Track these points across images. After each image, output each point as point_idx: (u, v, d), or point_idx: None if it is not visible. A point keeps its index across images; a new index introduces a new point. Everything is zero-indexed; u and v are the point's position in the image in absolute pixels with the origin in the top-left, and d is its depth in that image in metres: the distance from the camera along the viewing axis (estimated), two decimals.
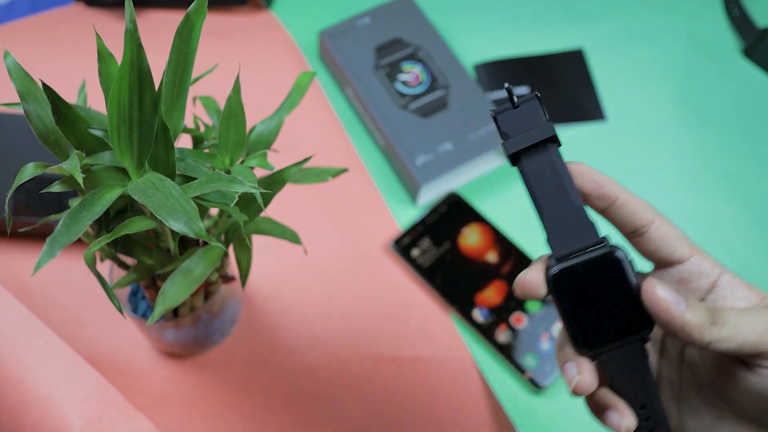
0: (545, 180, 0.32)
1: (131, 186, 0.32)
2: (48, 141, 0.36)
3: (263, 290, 0.58)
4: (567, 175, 0.32)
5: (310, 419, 0.53)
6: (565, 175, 0.32)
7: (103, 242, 0.34)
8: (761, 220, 0.65)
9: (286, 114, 0.42)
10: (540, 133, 0.31)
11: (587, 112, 0.70)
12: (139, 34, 0.30)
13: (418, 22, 0.70)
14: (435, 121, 0.64)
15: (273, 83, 0.67)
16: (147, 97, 0.31)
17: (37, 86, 0.35)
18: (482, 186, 0.65)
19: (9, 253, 0.57)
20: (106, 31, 0.69)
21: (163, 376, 0.54)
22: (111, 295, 0.37)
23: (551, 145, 0.32)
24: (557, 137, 0.32)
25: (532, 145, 0.32)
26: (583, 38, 0.75)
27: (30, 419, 0.42)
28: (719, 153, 0.69)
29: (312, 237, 0.60)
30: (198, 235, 0.30)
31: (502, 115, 0.32)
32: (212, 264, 0.38)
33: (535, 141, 0.31)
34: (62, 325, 0.54)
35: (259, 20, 0.73)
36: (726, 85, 0.73)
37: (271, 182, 0.39)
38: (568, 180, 0.32)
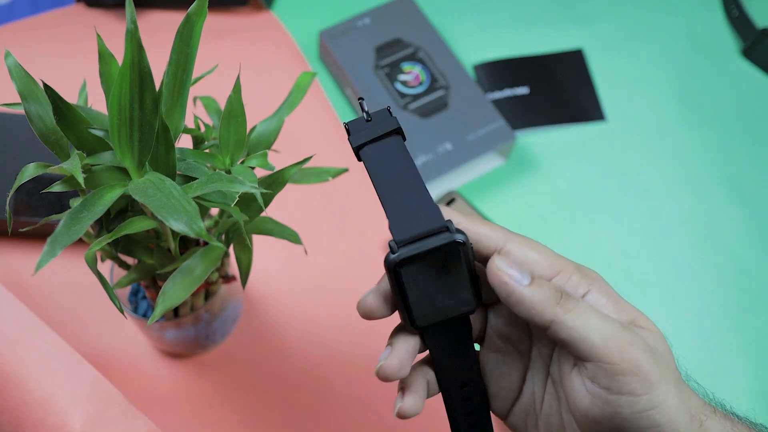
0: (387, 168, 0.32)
1: (132, 186, 0.32)
2: (49, 141, 0.36)
3: (264, 290, 0.58)
4: (410, 163, 0.32)
5: (310, 419, 0.53)
6: (408, 163, 0.32)
7: (103, 242, 0.34)
8: (761, 220, 0.65)
9: (287, 114, 0.42)
10: (383, 128, 0.32)
11: (587, 112, 0.70)
12: (140, 35, 0.30)
13: (418, 22, 0.70)
14: (435, 121, 0.65)
15: (273, 83, 0.67)
16: (148, 98, 0.31)
17: (38, 86, 0.35)
18: (482, 186, 0.66)
19: (10, 253, 0.57)
20: (106, 31, 0.69)
21: (163, 376, 0.54)
22: (112, 295, 0.37)
23: (395, 136, 0.33)
24: (401, 130, 0.33)
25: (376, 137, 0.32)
26: (583, 38, 0.75)
27: (31, 419, 0.43)
28: (719, 153, 0.69)
29: (312, 237, 0.60)
30: (198, 234, 0.30)
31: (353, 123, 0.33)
32: (213, 264, 0.38)
33: (378, 134, 0.32)
34: (63, 324, 0.54)
35: (260, 20, 0.73)
36: (725, 85, 0.73)
37: (271, 182, 0.39)
38: (412, 168, 0.32)
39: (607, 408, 0.29)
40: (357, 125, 0.33)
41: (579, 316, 0.29)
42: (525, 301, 0.30)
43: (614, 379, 0.28)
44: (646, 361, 0.29)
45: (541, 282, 0.30)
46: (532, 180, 0.66)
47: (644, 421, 0.29)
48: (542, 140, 0.69)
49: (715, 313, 0.61)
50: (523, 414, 0.34)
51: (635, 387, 0.28)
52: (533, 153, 0.68)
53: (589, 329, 0.29)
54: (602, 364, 0.29)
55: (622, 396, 0.28)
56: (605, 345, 0.29)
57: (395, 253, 0.30)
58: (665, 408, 0.29)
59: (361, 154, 0.33)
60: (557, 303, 0.29)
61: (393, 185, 0.31)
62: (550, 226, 0.64)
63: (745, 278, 0.62)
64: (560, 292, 0.30)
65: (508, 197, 0.65)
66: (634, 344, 0.29)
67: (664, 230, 0.65)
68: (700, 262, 0.63)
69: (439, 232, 0.30)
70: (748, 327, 0.60)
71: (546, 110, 0.70)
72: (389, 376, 0.31)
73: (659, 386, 0.29)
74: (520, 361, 0.34)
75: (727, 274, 0.63)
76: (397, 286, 0.31)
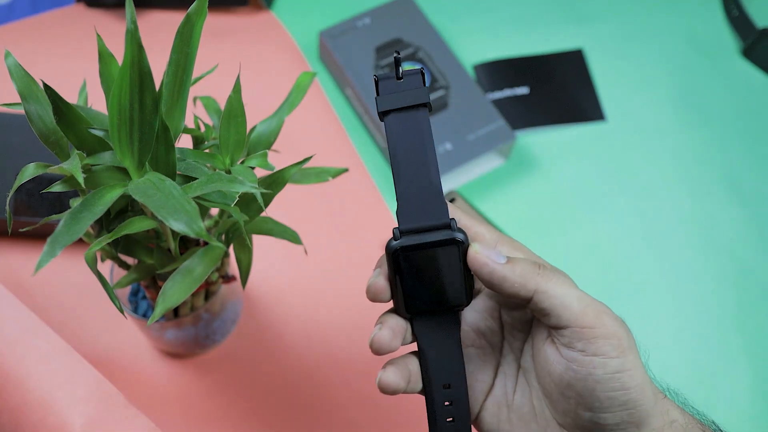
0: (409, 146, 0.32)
1: (132, 186, 0.32)
2: (49, 141, 0.36)
3: (264, 290, 0.58)
4: (431, 147, 0.32)
5: (310, 418, 0.53)
6: (429, 147, 0.32)
7: (103, 242, 0.34)
8: (761, 220, 0.65)
9: (287, 114, 0.42)
10: (414, 97, 0.32)
11: (587, 112, 0.70)
12: (140, 35, 0.30)
13: (418, 22, 0.70)
14: (435, 121, 0.65)
15: (273, 83, 0.67)
16: (148, 98, 0.31)
17: (38, 86, 0.35)
18: (482, 186, 0.66)
19: (10, 253, 0.57)
20: (106, 31, 0.69)
21: (163, 376, 0.54)
22: (112, 295, 0.37)
23: (422, 110, 0.32)
24: (430, 105, 0.33)
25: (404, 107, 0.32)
26: (583, 38, 0.75)
27: (31, 419, 0.43)
28: (719, 153, 0.69)
29: (312, 237, 0.60)
30: (198, 235, 0.30)
31: (384, 81, 0.33)
32: (213, 264, 0.38)
33: (406, 104, 0.32)
34: (63, 324, 0.54)
35: (260, 20, 0.73)
36: (725, 85, 0.73)
37: (271, 182, 0.39)
38: (432, 153, 0.32)
39: (581, 370, 0.31)
40: (387, 83, 0.33)
41: (559, 285, 0.32)
42: (507, 276, 0.32)
43: (590, 341, 0.31)
44: (620, 327, 0.31)
45: (517, 258, 0.32)
46: (532, 180, 0.66)
47: (615, 382, 0.31)
48: (542, 140, 0.69)
49: (715, 313, 0.61)
50: (495, 408, 0.36)
51: (608, 349, 0.31)
52: (533, 153, 0.68)
53: (569, 297, 0.31)
54: (580, 329, 0.31)
55: (596, 357, 0.31)
56: (583, 311, 0.31)
57: (397, 240, 0.32)
58: (634, 374, 0.31)
59: (386, 121, 0.33)
60: (537, 273, 0.32)
61: (409, 167, 0.32)
62: (550, 226, 0.64)
63: (745, 278, 0.62)
64: (538, 264, 0.32)
65: (508, 197, 0.65)
66: (608, 313, 0.32)
67: (664, 230, 0.65)
68: (700, 262, 0.63)
69: (441, 228, 0.32)
70: (748, 327, 0.60)
71: (546, 110, 0.70)
72: (382, 346, 0.33)
73: (630, 353, 0.31)
74: (493, 355, 0.36)
75: (727, 274, 0.63)
76: (395, 271, 0.32)
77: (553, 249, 0.63)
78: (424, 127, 0.32)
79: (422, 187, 0.32)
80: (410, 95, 0.32)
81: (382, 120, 0.33)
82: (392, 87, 0.33)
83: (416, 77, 0.33)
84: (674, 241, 0.64)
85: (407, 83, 0.33)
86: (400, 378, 0.34)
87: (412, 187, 0.32)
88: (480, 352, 0.36)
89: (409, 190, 0.32)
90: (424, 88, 0.33)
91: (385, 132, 0.33)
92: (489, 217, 0.63)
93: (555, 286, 0.32)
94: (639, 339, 0.62)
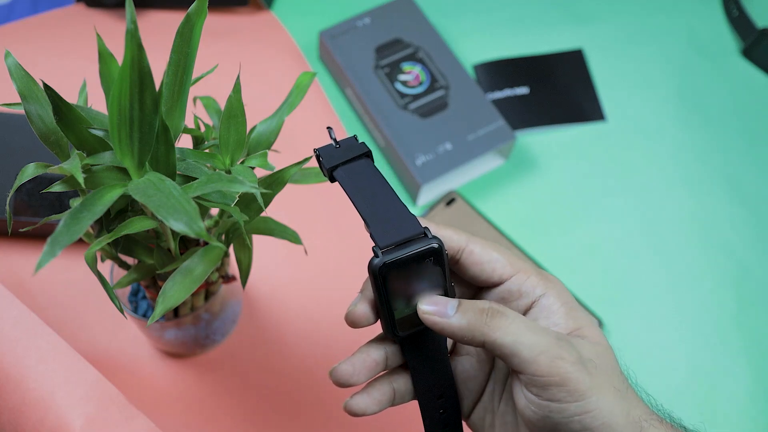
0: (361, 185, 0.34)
1: (132, 186, 0.32)
2: (49, 141, 0.36)
3: (264, 290, 0.58)
4: (383, 180, 0.34)
5: (310, 419, 0.53)
6: (380, 180, 0.34)
7: (103, 242, 0.34)
8: (761, 220, 0.65)
9: (287, 114, 0.42)
10: (354, 151, 0.35)
11: (587, 112, 0.70)
12: (140, 35, 0.30)
13: (418, 22, 0.70)
14: (435, 121, 0.65)
15: (273, 83, 0.67)
16: (148, 98, 0.31)
17: (38, 86, 0.35)
18: (482, 186, 0.66)
19: (10, 253, 0.57)
20: (106, 31, 0.69)
21: (163, 376, 0.54)
22: (112, 295, 0.37)
23: (365, 159, 0.35)
24: (371, 153, 0.35)
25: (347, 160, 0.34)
26: (583, 38, 0.75)
27: (31, 419, 0.43)
28: (719, 153, 0.69)
29: (312, 237, 0.60)
30: (199, 235, 0.30)
31: (324, 150, 0.35)
32: (213, 264, 0.38)
33: (349, 157, 0.34)
34: (63, 324, 0.54)
35: (260, 20, 0.73)
36: (725, 85, 0.73)
37: (271, 182, 0.39)
38: (385, 184, 0.34)
39: (539, 412, 0.31)
40: (327, 151, 0.35)
41: (508, 333, 0.31)
42: (455, 332, 0.32)
43: (544, 389, 0.30)
44: (575, 372, 0.30)
45: (465, 306, 0.32)
46: (532, 180, 0.66)
47: (575, 425, 0.31)
48: (542, 140, 0.69)
49: (715, 313, 0.61)
50: (483, 413, 0.36)
51: (563, 396, 0.30)
52: (533, 153, 0.68)
53: (520, 345, 0.31)
54: (533, 377, 0.31)
55: (552, 403, 0.31)
56: (534, 360, 0.30)
57: (378, 257, 0.32)
58: (598, 414, 0.30)
59: (334, 174, 0.34)
60: (484, 323, 0.31)
61: (369, 199, 0.33)
62: (550, 226, 0.64)
63: (745, 278, 0.62)
64: (486, 311, 0.32)
65: (508, 197, 0.65)
66: (564, 358, 0.31)
67: (663, 230, 0.65)
68: (700, 262, 0.63)
69: (417, 239, 0.32)
70: (748, 327, 0.60)
71: (546, 110, 0.70)
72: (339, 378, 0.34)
73: (591, 395, 0.30)
74: (487, 363, 0.36)
75: (727, 274, 0.63)
76: (380, 292, 0.32)
77: (553, 249, 0.63)
78: (369, 168, 0.34)
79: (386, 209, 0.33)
80: (350, 151, 0.35)
81: (332, 179, 0.35)
82: (332, 152, 0.35)
83: (351, 140, 0.35)
84: (674, 241, 0.64)
85: (345, 145, 0.35)
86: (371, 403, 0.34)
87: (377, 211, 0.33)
88: (474, 360, 0.36)
89: (376, 214, 0.33)
90: (361, 143, 0.35)
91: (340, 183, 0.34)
92: (489, 217, 0.63)
93: (503, 335, 0.31)
94: (639, 339, 0.62)
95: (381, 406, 0.35)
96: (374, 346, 0.35)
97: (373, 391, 0.35)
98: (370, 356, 0.34)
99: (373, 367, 0.34)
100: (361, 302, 0.34)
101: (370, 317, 0.34)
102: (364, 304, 0.34)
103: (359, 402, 0.34)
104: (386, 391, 0.35)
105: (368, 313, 0.34)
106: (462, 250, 0.34)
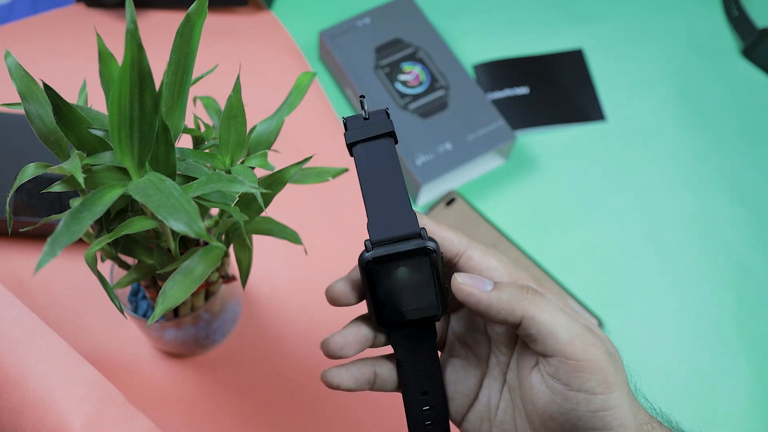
0: (375, 168, 0.33)
1: (132, 186, 0.32)
2: (49, 141, 0.36)
3: (264, 290, 0.58)
4: (397, 168, 0.33)
5: (310, 418, 0.53)
6: (395, 167, 0.33)
7: (103, 242, 0.34)
8: (761, 220, 0.65)
9: (287, 114, 0.42)
10: (378, 129, 0.34)
11: (587, 112, 0.70)
12: (140, 35, 0.30)
13: (418, 22, 0.70)
14: (435, 121, 0.65)
15: (273, 83, 0.67)
16: (148, 98, 0.31)
17: (38, 86, 0.35)
18: (482, 186, 0.66)
19: (10, 253, 0.57)
20: (106, 31, 0.69)
21: (163, 376, 0.54)
22: (112, 295, 0.37)
23: (387, 139, 0.34)
24: (395, 134, 0.34)
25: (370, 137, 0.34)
26: (583, 38, 0.75)
27: (31, 419, 0.43)
28: (719, 153, 0.69)
29: (312, 237, 0.60)
30: (199, 235, 0.30)
31: (351, 120, 0.35)
32: (213, 264, 0.38)
33: (372, 134, 0.34)
34: (63, 324, 0.54)
35: (260, 20, 0.73)
36: (725, 85, 0.73)
37: (271, 182, 0.39)
38: (398, 172, 0.33)
39: (564, 404, 0.30)
40: (355, 122, 0.34)
41: (547, 312, 0.31)
42: (493, 304, 0.31)
43: (575, 375, 0.30)
44: (606, 362, 0.30)
45: (504, 283, 0.32)
46: (532, 180, 0.66)
47: (597, 421, 0.30)
48: (542, 140, 0.69)
49: (715, 313, 0.61)
50: (478, 420, 0.35)
51: (593, 385, 0.30)
52: (533, 153, 0.68)
53: (557, 325, 0.30)
54: (566, 360, 0.30)
55: (580, 393, 0.30)
56: (570, 342, 0.30)
57: (369, 251, 0.32)
58: (618, 412, 0.30)
59: (353, 151, 0.34)
60: (524, 299, 0.31)
61: (377, 186, 0.33)
62: (550, 226, 0.64)
63: (745, 278, 0.62)
64: (526, 288, 0.32)
65: (508, 197, 0.65)
66: (597, 345, 0.30)
67: (664, 230, 0.65)
68: (700, 262, 0.63)
69: (412, 238, 0.32)
70: (748, 327, 0.60)
71: (546, 110, 0.70)
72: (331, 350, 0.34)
73: (615, 390, 0.30)
74: (479, 367, 0.36)
75: (727, 274, 0.63)
76: (368, 283, 0.33)
77: (553, 249, 0.63)
78: (389, 151, 0.34)
79: (390, 201, 0.33)
80: (375, 127, 0.34)
81: (351, 153, 0.34)
82: (359, 124, 0.34)
83: (381, 114, 0.34)
84: (674, 241, 0.64)
85: (373, 119, 0.34)
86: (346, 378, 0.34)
87: (380, 202, 0.33)
88: (465, 363, 0.36)
89: (378, 204, 0.33)
90: (388, 121, 0.34)
91: (355, 162, 0.34)
92: (489, 217, 0.63)
93: (543, 312, 0.31)
94: (639, 339, 0.63)
95: (357, 384, 0.35)
96: (365, 321, 0.35)
97: (353, 368, 0.35)
98: (361, 331, 0.35)
99: (363, 342, 0.35)
100: (343, 282, 0.34)
101: (350, 297, 0.34)
102: (345, 284, 0.34)
103: (335, 374, 0.34)
104: (366, 371, 0.35)
105: (347, 293, 0.34)
106: (461, 254, 0.34)
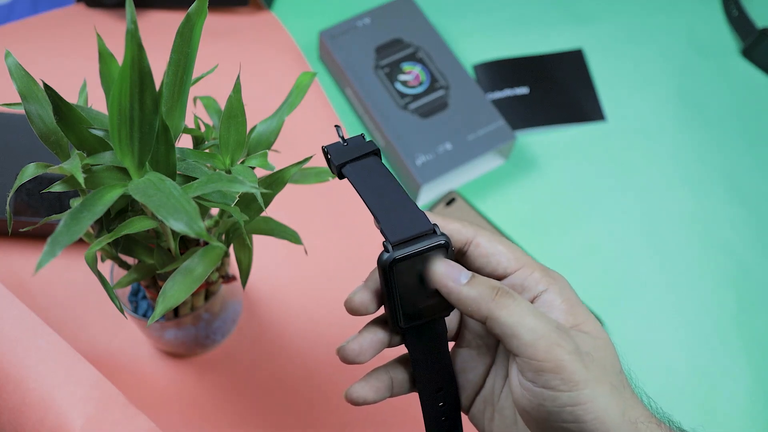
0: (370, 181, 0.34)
1: (132, 186, 0.32)
2: (49, 141, 0.36)
3: (264, 290, 0.58)
4: (391, 177, 0.34)
5: (310, 418, 0.53)
6: (388, 177, 0.34)
7: (104, 242, 0.34)
8: (761, 220, 0.65)
9: (287, 114, 0.42)
10: (361, 150, 0.35)
11: (587, 112, 0.70)
12: (140, 35, 0.30)
13: (418, 22, 0.70)
14: (435, 121, 0.65)
15: (273, 83, 0.67)
16: (148, 98, 0.31)
17: (38, 86, 0.35)
18: (482, 186, 0.66)
19: (10, 253, 0.57)
20: (106, 31, 0.69)
21: (163, 376, 0.54)
22: (112, 295, 0.37)
23: (373, 156, 0.35)
24: (379, 151, 0.35)
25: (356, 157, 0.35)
26: (583, 38, 0.75)
27: (31, 419, 0.43)
28: (718, 153, 0.69)
29: (312, 237, 0.60)
30: (199, 234, 0.30)
31: (332, 147, 0.36)
32: (213, 264, 0.38)
33: (357, 154, 0.35)
34: (63, 324, 0.54)
35: (260, 20, 0.73)
36: (725, 85, 0.73)
37: (271, 182, 0.39)
38: (393, 181, 0.34)
39: (533, 399, 0.31)
40: (336, 148, 0.36)
41: (512, 314, 0.31)
42: (462, 299, 0.32)
43: (538, 374, 0.31)
44: (570, 362, 0.31)
45: (478, 280, 0.32)
46: (532, 180, 0.66)
47: (567, 415, 0.31)
48: (542, 140, 0.69)
49: (715, 312, 0.61)
50: (482, 406, 0.37)
51: (557, 384, 0.31)
52: (533, 153, 0.68)
53: (521, 327, 0.31)
54: (528, 360, 0.31)
55: (545, 390, 0.31)
56: (533, 343, 0.31)
57: (389, 252, 0.32)
58: (591, 407, 0.30)
59: (343, 171, 0.35)
60: (492, 299, 0.32)
61: (379, 194, 0.34)
62: (550, 226, 0.64)
63: (745, 278, 0.62)
64: (497, 289, 0.32)
65: (508, 197, 0.65)
66: (561, 345, 0.31)
67: (664, 230, 0.65)
68: (700, 261, 0.63)
69: (426, 235, 0.33)
70: (748, 327, 0.60)
71: (546, 110, 0.70)
72: (347, 356, 0.34)
73: (585, 387, 0.31)
74: (488, 355, 0.37)
75: (727, 274, 0.63)
76: (388, 285, 0.33)
77: (553, 249, 0.63)
78: (378, 165, 0.35)
79: (396, 204, 0.33)
80: (358, 149, 0.35)
81: (341, 176, 0.35)
82: (341, 149, 0.36)
83: (359, 138, 0.36)
84: (674, 240, 0.64)
85: (352, 143, 0.36)
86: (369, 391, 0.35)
87: (387, 207, 0.33)
88: (475, 353, 0.37)
89: (386, 209, 0.33)
90: (369, 142, 0.36)
91: (349, 180, 0.35)
92: (489, 217, 0.63)
93: (509, 315, 0.31)
94: (639, 339, 0.62)
95: (379, 395, 0.35)
96: (379, 325, 0.35)
97: (372, 380, 0.35)
98: (376, 335, 0.35)
99: (378, 346, 0.35)
100: (363, 291, 0.34)
101: (369, 307, 0.34)
102: (365, 293, 0.34)
103: (359, 390, 0.35)
104: (384, 379, 0.36)
105: (367, 302, 0.34)
106: (470, 242, 0.35)
